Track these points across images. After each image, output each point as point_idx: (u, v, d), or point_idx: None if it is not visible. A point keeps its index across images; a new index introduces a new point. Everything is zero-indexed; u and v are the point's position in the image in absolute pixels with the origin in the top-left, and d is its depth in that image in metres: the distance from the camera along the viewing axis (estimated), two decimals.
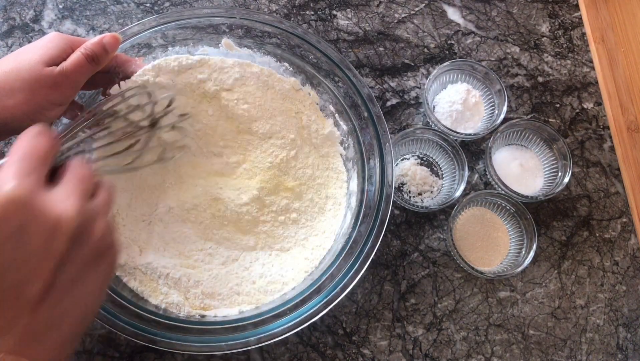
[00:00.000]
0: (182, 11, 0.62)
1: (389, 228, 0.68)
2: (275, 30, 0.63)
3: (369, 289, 0.65)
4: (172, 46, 0.63)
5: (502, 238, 0.68)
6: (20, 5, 0.72)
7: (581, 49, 0.80)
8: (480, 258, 0.66)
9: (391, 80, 0.75)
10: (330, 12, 0.77)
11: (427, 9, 0.80)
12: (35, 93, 0.48)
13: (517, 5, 0.81)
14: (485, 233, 0.68)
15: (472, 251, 0.67)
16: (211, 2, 0.77)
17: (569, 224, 0.71)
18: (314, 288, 0.55)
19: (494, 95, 0.72)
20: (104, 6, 0.74)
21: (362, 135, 0.62)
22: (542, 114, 0.76)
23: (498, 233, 0.68)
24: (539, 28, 0.81)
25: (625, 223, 0.73)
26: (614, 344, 0.67)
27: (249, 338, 0.51)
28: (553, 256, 0.70)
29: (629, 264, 0.71)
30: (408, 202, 0.68)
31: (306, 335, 0.62)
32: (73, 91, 0.52)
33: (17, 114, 0.48)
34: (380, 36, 0.77)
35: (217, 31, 0.64)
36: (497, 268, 0.66)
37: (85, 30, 0.72)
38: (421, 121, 0.74)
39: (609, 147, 0.76)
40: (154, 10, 0.75)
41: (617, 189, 0.74)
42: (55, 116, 0.52)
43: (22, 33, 0.71)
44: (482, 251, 0.67)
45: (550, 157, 0.71)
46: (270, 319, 0.53)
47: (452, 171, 0.69)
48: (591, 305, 0.69)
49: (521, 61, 0.79)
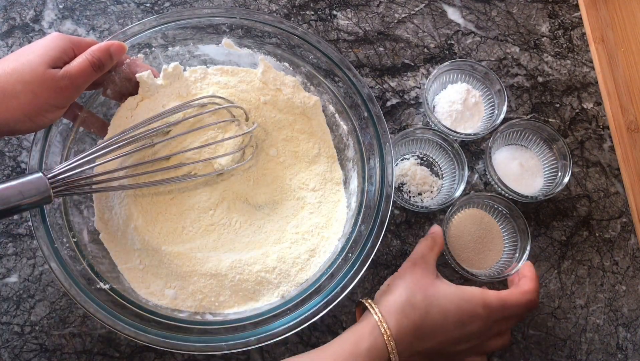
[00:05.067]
0: (182, 11, 0.62)
1: (389, 228, 0.68)
2: (275, 30, 0.63)
3: (369, 289, 0.65)
4: (172, 46, 0.64)
5: (497, 239, 0.68)
6: (20, 5, 0.72)
7: (581, 49, 0.80)
8: (473, 259, 0.67)
9: (391, 80, 0.75)
10: (330, 12, 0.77)
11: (427, 9, 0.80)
12: (37, 95, 0.48)
13: (517, 5, 0.82)
14: (479, 235, 0.67)
15: (465, 252, 0.67)
16: (211, 2, 0.77)
17: (568, 224, 0.71)
18: (314, 288, 0.55)
19: (494, 95, 0.72)
20: (104, 6, 0.74)
21: (362, 135, 0.62)
22: (542, 114, 0.76)
23: (492, 234, 0.68)
24: (539, 28, 0.81)
25: (625, 223, 0.73)
26: (613, 344, 0.67)
27: (249, 338, 0.51)
28: (553, 256, 0.70)
29: (628, 264, 0.71)
30: (408, 202, 0.68)
31: (306, 335, 0.62)
32: (75, 94, 0.52)
33: (18, 115, 0.48)
34: (380, 36, 0.77)
35: (217, 31, 0.64)
36: (489, 270, 0.66)
37: (85, 30, 0.73)
38: (421, 121, 0.74)
39: (608, 147, 0.76)
40: (154, 10, 0.75)
41: (617, 189, 0.74)
42: (56, 117, 0.52)
43: (22, 33, 0.71)
44: (475, 252, 0.67)
45: (550, 157, 0.71)
46: (270, 319, 0.53)
47: (452, 171, 0.69)
48: (591, 305, 0.69)
49: (521, 61, 0.79)
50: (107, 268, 0.56)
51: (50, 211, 0.53)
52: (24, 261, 0.62)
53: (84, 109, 0.58)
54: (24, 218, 0.64)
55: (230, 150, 0.60)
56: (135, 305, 0.53)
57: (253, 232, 0.62)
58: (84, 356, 0.59)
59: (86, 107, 0.59)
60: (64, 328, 0.60)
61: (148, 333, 0.50)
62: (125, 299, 0.53)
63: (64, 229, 0.54)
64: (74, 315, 0.60)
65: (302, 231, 0.61)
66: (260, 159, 0.65)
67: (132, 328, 0.50)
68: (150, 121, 0.57)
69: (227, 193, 0.62)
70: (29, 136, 0.65)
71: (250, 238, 0.61)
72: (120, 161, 0.58)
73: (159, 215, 0.60)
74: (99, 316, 0.50)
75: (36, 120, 0.50)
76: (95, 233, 0.58)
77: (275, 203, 0.64)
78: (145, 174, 0.57)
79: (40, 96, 0.48)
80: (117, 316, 0.50)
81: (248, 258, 0.58)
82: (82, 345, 0.60)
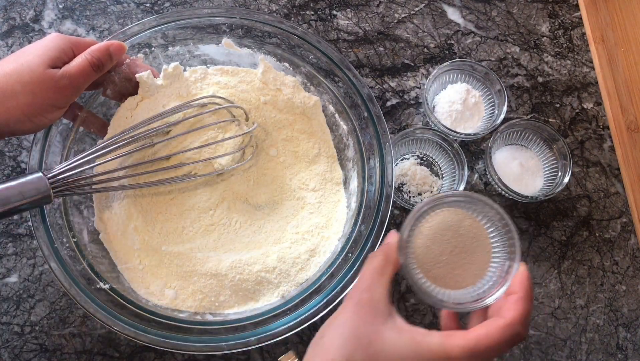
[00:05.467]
0: (182, 11, 0.62)
1: (389, 228, 0.68)
2: (275, 30, 0.63)
3: None
4: (172, 46, 0.64)
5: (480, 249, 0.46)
6: (20, 5, 0.72)
7: (581, 49, 0.80)
8: (446, 277, 0.45)
9: (391, 80, 0.75)
10: (330, 12, 0.77)
11: (427, 9, 0.80)
12: (36, 95, 0.48)
13: (517, 5, 0.82)
14: (456, 244, 0.46)
15: (435, 268, 0.45)
16: (211, 2, 0.77)
17: (568, 224, 0.71)
18: (314, 288, 0.55)
19: (494, 95, 0.72)
20: (104, 6, 0.74)
21: (362, 135, 0.62)
22: (542, 114, 0.76)
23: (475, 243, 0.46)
24: (539, 28, 0.81)
25: (625, 223, 0.73)
26: (613, 344, 0.67)
27: (249, 338, 0.51)
28: (553, 256, 0.70)
29: (628, 264, 0.71)
30: (408, 202, 0.68)
31: (306, 334, 0.62)
32: (75, 94, 0.52)
33: (18, 115, 0.48)
34: (380, 36, 0.77)
35: (217, 31, 0.64)
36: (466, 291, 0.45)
37: (85, 30, 0.73)
38: (421, 121, 0.74)
39: (608, 147, 0.76)
40: (154, 10, 0.75)
41: (617, 189, 0.74)
42: (55, 117, 0.52)
43: (22, 33, 0.71)
44: (449, 268, 0.45)
45: (550, 157, 0.71)
46: (270, 319, 0.53)
47: (452, 171, 0.69)
48: (591, 305, 0.69)
49: (521, 61, 0.79)
50: (107, 268, 0.56)
51: (50, 211, 0.53)
52: (24, 261, 0.62)
53: (84, 109, 0.58)
54: (24, 218, 0.64)
55: (230, 150, 0.60)
56: (135, 305, 0.53)
57: (253, 232, 0.62)
58: (84, 356, 0.59)
59: (86, 107, 0.59)
60: (64, 328, 0.60)
61: (148, 333, 0.50)
62: (125, 300, 0.53)
63: (64, 229, 0.54)
64: (74, 315, 0.60)
65: (302, 231, 0.61)
66: (260, 159, 0.65)
67: (132, 328, 0.50)
68: (150, 121, 0.57)
69: (227, 193, 0.62)
70: (29, 136, 0.65)
71: (250, 238, 0.61)
72: (120, 161, 0.58)
73: (159, 215, 0.60)
74: (99, 316, 0.50)
75: (36, 120, 0.50)
76: (95, 233, 0.58)
77: (275, 203, 0.64)
78: (145, 174, 0.57)
79: (39, 95, 0.48)
80: (117, 316, 0.50)
81: (248, 258, 0.58)
82: (82, 345, 0.60)
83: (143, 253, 0.58)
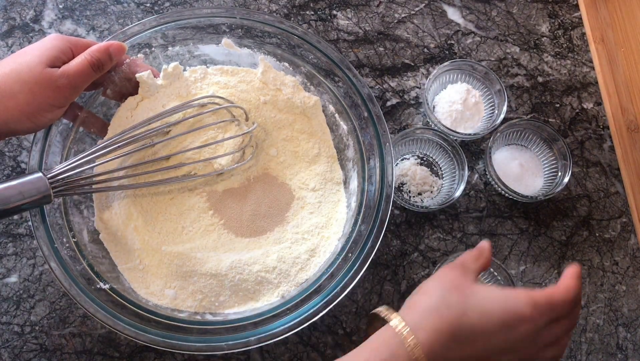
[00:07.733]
0: (182, 11, 0.62)
1: (389, 228, 0.68)
2: (275, 30, 0.63)
3: (369, 289, 0.65)
4: (172, 46, 0.64)
5: None
6: (20, 5, 0.72)
7: (581, 49, 0.80)
8: None
9: (391, 80, 0.75)
10: (330, 12, 0.77)
11: (427, 9, 0.80)
12: (35, 95, 0.48)
13: (517, 5, 0.82)
14: None
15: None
16: (211, 2, 0.77)
17: (568, 224, 0.71)
18: (314, 288, 0.55)
19: (494, 95, 0.72)
20: (104, 6, 0.74)
21: (362, 135, 0.62)
22: (542, 114, 0.76)
23: None
24: (539, 28, 0.81)
25: (625, 223, 0.73)
26: (613, 344, 0.67)
27: (249, 338, 0.51)
28: (553, 256, 0.70)
29: (628, 264, 0.71)
30: (408, 202, 0.68)
31: (306, 334, 0.62)
32: (74, 94, 0.52)
33: (17, 115, 0.48)
34: (380, 36, 0.77)
35: (217, 31, 0.64)
36: None
37: (85, 30, 0.73)
38: (421, 121, 0.74)
39: (608, 147, 0.76)
40: (154, 10, 0.75)
41: (617, 189, 0.74)
42: (55, 117, 0.52)
43: (22, 33, 0.71)
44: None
45: (550, 157, 0.71)
46: (270, 319, 0.53)
47: (452, 171, 0.69)
48: (591, 305, 0.69)
49: (521, 61, 0.79)
50: (107, 268, 0.56)
51: (50, 211, 0.53)
52: (24, 261, 0.62)
53: (84, 109, 0.58)
54: (24, 218, 0.64)
55: (230, 150, 0.60)
56: (135, 305, 0.53)
57: None
58: (84, 356, 0.59)
59: (86, 107, 0.59)
60: (64, 328, 0.60)
61: (148, 333, 0.50)
62: (125, 300, 0.53)
63: (64, 229, 0.54)
64: (74, 315, 0.60)
65: (302, 231, 0.61)
66: (260, 159, 0.65)
67: (132, 328, 0.50)
68: (150, 121, 0.57)
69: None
70: (29, 136, 0.65)
71: (250, 238, 0.61)
72: (120, 161, 0.58)
73: (159, 215, 0.60)
74: (99, 316, 0.50)
75: (35, 120, 0.50)
76: (95, 233, 0.58)
77: None
78: (145, 174, 0.57)
79: (38, 95, 0.48)
80: (117, 316, 0.50)
81: (248, 258, 0.58)
82: (82, 345, 0.60)
83: (143, 253, 0.58)
